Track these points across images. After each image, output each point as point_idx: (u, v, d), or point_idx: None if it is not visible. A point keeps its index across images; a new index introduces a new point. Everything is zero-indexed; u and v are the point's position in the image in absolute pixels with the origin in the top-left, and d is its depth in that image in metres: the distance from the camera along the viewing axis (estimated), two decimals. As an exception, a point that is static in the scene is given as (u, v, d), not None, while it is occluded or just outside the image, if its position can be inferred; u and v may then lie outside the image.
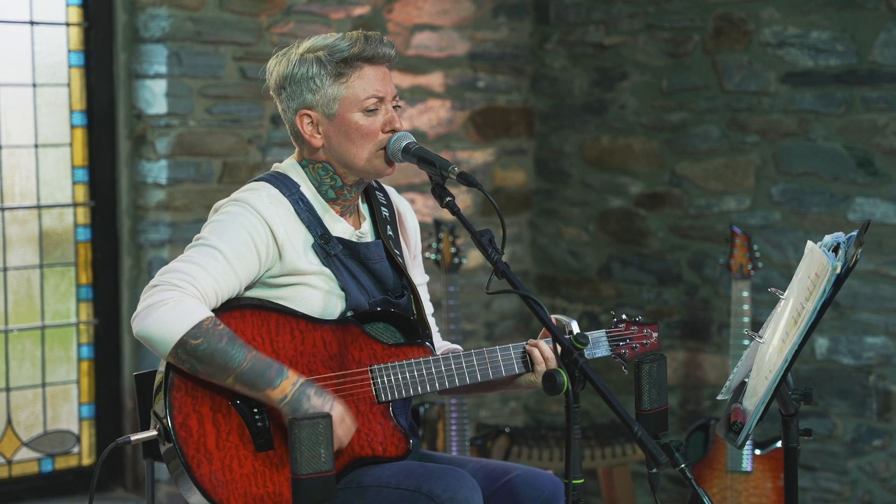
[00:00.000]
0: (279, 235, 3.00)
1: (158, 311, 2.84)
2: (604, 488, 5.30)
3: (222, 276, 2.93)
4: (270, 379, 2.88)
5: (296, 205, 3.06)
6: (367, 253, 3.12)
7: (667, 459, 2.70)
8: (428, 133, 5.68)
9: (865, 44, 5.00)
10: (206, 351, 2.85)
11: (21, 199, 4.97)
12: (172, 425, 2.87)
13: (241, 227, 2.98)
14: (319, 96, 3.05)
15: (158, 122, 5.01)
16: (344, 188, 3.12)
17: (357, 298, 3.07)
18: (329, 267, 3.06)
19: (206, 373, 2.87)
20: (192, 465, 2.86)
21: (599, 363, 5.69)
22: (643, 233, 5.68)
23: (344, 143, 3.07)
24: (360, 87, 3.05)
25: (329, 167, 3.10)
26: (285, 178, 3.10)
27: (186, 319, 2.84)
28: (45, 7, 4.96)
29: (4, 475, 4.96)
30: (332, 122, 3.06)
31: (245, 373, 2.87)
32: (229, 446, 2.90)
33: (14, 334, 4.97)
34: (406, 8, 5.58)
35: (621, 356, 3.26)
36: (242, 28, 5.12)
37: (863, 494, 5.11)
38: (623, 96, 5.71)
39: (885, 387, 5.04)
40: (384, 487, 2.94)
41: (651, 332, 3.30)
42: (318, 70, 3.04)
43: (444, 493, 2.88)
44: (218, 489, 2.86)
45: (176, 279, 2.89)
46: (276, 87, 3.11)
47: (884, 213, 5.00)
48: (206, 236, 2.98)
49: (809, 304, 2.84)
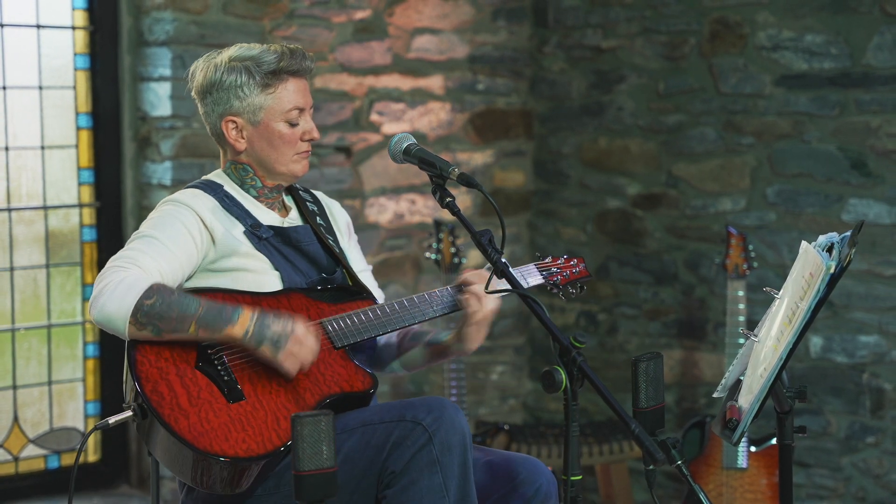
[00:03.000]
0: (208, 221, 3.12)
1: (108, 291, 2.94)
2: (601, 485, 5.31)
3: (163, 258, 3.05)
4: (228, 316, 2.96)
5: (222, 202, 3.19)
6: (297, 236, 3.22)
7: (664, 456, 2.72)
8: (428, 135, 5.69)
9: (859, 47, 5.01)
10: (161, 306, 2.93)
11: (28, 200, 4.98)
12: (143, 392, 2.93)
13: (172, 218, 3.10)
14: (246, 104, 3.18)
15: (163, 124, 5.03)
16: (265, 188, 3.25)
17: (292, 278, 3.17)
18: (261, 251, 3.16)
19: (167, 328, 2.95)
20: (171, 422, 2.91)
21: (597, 362, 5.73)
22: (640, 233, 5.69)
23: (266, 149, 3.20)
24: (285, 99, 3.18)
25: (249, 169, 3.23)
26: (208, 181, 3.25)
27: (136, 287, 2.94)
28: (52, 11, 4.97)
29: (11, 472, 4.97)
30: (257, 128, 3.19)
31: (203, 316, 2.95)
32: (202, 402, 2.95)
33: (21, 333, 4.98)
34: (407, 12, 5.58)
35: (555, 283, 3.37)
36: (245, 32, 5.12)
37: (856, 491, 5.12)
38: (620, 99, 5.71)
39: (879, 385, 5.05)
40: (369, 425, 2.99)
41: (578, 263, 3.43)
42: (246, 79, 3.16)
43: (428, 415, 2.93)
44: (199, 438, 2.90)
45: (121, 263, 3.00)
46: (201, 91, 3.22)
47: (877, 214, 5.01)
48: (141, 229, 3.11)
49: (804, 303, 2.84)
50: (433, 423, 2.92)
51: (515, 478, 3.11)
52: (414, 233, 5.65)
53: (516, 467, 3.13)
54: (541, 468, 3.14)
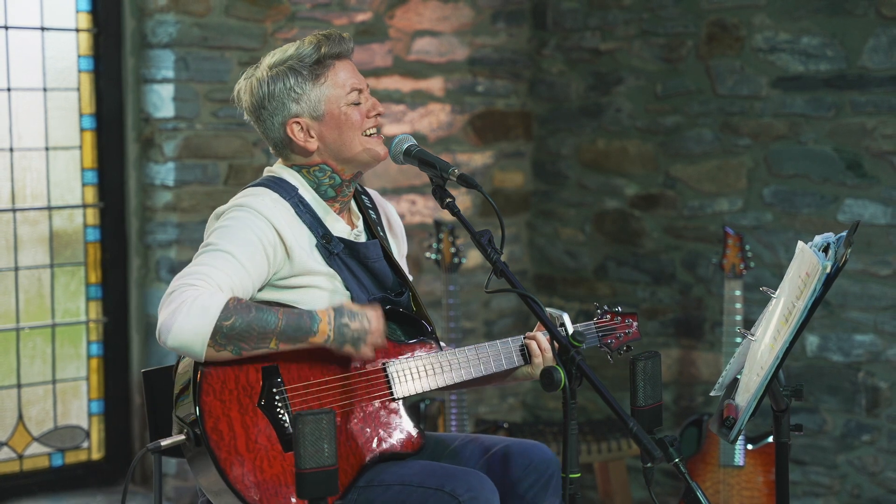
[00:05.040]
0: (286, 237, 3.01)
1: (182, 313, 2.82)
2: (600, 482, 5.33)
3: (235, 274, 2.93)
4: (308, 327, 2.92)
5: (296, 207, 3.08)
6: (366, 252, 3.14)
7: (661, 454, 2.73)
8: (428, 136, 5.69)
9: (855, 49, 5.02)
10: (241, 326, 2.85)
11: (32, 201, 4.99)
12: (204, 430, 2.87)
13: (248, 230, 2.98)
14: (304, 102, 3.09)
15: (166, 125, 5.04)
16: (343, 184, 3.15)
17: (360, 297, 3.09)
18: (332, 266, 3.08)
19: (249, 347, 2.88)
20: (226, 468, 2.87)
21: (593, 360, 5.76)
22: (638, 233, 5.70)
23: (338, 138, 3.10)
24: (340, 82, 3.10)
25: (326, 168, 3.13)
26: (282, 181, 3.12)
27: (212, 308, 2.84)
28: (56, 13, 4.98)
29: (16, 469, 4.99)
30: (323, 121, 3.10)
31: (283, 331, 2.90)
32: (258, 448, 2.90)
33: (25, 332, 4.99)
34: (407, 14, 5.59)
35: (607, 346, 3.34)
36: (248, 34, 5.13)
37: (852, 488, 5.13)
38: (618, 100, 5.72)
39: (874, 383, 5.06)
40: (407, 486, 2.95)
41: (632, 322, 3.39)
42: (294, 79, 3.07)
43: (466, 493, 2.90)
44: (249, 490, 2.87)
45: (191, 280, 2.88)
46: (253, 110, 3.13)
47: (872, 214, 5.01)
48: (214, 241, 2.97)
49: (800, 302, 2.85)
50: (470, 501, 2.90)
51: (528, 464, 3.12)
52: (414, 233, 5.65)
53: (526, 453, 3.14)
54: (536, 448, 3.15)
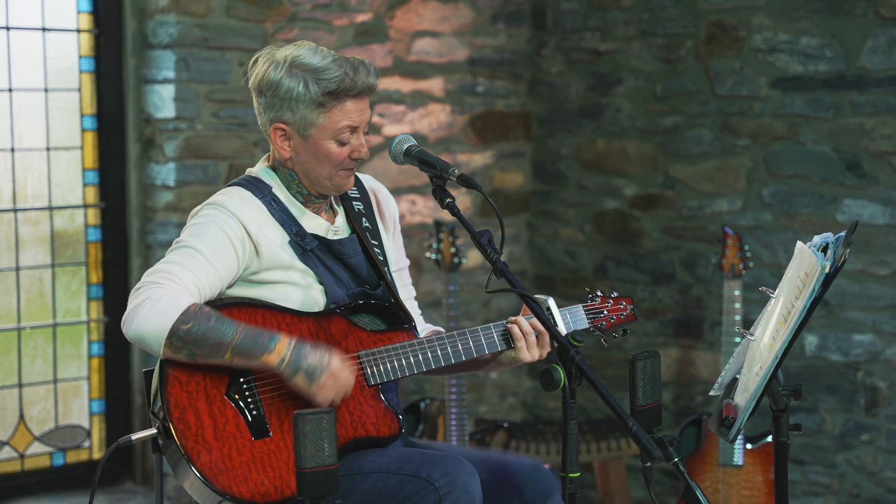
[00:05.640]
0: (253, 231, 3.04)
1: (145, 308, 2.89)
2: (599, 482, 5.33)
3: (202, 272, 2.97)
4: (265, 344, 2.91)
5: (269, 205, 3.11)
6: (341, 249, 3.15)
7: (661, 453, 2.73)
8: (428, 136, 5.70)
9: (853, 50, 5.03)
10: (198, 332, 2.88)
11: (33, 201, 5.00)
12: (170, 419, 2.91)
13: (215, 226, 3.02)
14: (298, 117, 3.07)
15: (167, 125, 5.05)
16: (311, 195, 3.17)
17: (335, 292, 3.10)
18: (306, 263, 3.09)
19: (203, 354, 2.90)
20: (192, 455, 2.90)
21: (593, 360, 5.77)
22: (637, 233, 5.71)
23: (311, 163, 3.11)
24: (339, 119, 3.07)
25: (295, 175, 3.15)
26: (256, 180, 3.15)
27: (173, 308, 2.88)
28: (57, 14, 4.98)
29: (17, 469, 4.99)
30: (305, 142, 3.09)
31: (240, 344, 2.90)
32: (227, 436, 2.93)
33: (26, 332, 4.99)
34: (407, 15, 5.60)
35: (599, 328, 3.29)
36: (248, 34, 5.14)
37: (851, 488, 5.14)
38: (618, 101, 5.73)
39: (873, 383, 5.07)
40: (384, 473, 2.96)
41: (626, 305, 3.34)
42: (302, 92, 3.05)
43: (442, 477, 2.90)
44: (219, 476, 2.90)
45: (157, 278, 2.93)
46: (258, 87, 3.11)
47: (871, 215, 5.03)
48: (183, 239, 3.02)
49: (799, 302, 2.85)
50: (446, 486, 2.90)
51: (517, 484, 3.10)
52: (414, 233, 5.67)
53: (517, 472, 3.12)
54: (540, 471, 3.14)
